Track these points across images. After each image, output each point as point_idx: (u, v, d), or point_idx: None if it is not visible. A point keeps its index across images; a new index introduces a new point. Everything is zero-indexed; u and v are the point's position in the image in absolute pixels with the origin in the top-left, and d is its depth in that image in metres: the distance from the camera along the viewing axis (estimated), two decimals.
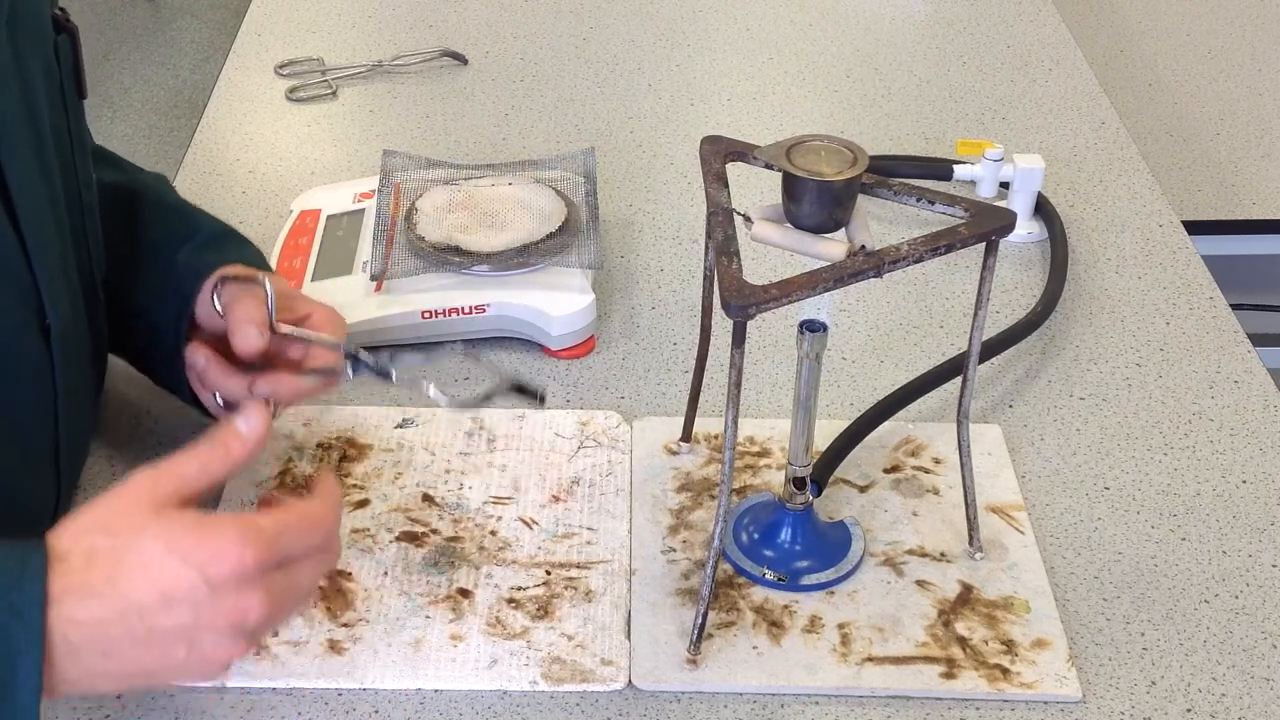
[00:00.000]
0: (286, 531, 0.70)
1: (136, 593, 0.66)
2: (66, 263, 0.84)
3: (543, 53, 1.52)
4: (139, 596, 0.66)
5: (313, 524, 0.72)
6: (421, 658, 0.83)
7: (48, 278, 0.80)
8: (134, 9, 3.70)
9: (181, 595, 0.66)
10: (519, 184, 1.13)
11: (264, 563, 0.68)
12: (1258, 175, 1.59)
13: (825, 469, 0.93)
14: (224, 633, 0.67)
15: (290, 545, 0.70)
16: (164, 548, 0.66)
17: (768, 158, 0.79)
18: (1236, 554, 0.92)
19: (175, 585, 0.66)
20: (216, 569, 0.66)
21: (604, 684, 0.82)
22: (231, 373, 0.89)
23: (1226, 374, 1.07)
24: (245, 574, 0.67)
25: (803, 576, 0.88)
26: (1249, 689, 0.83)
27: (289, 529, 0.70)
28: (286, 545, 0.69)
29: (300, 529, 0.71)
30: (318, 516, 0.72)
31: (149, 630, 0.66)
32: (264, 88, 1.44)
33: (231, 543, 0.67)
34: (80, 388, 0.87)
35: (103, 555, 0.66)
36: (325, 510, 0.73)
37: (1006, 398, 1.05)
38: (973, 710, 0.81)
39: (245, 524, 0.68)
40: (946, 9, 1.64)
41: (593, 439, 0.99)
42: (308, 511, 0.72)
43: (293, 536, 0.70)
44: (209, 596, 0.66)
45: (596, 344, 1.09)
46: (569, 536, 0.91)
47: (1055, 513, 0.94)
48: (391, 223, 1.10)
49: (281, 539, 0.69)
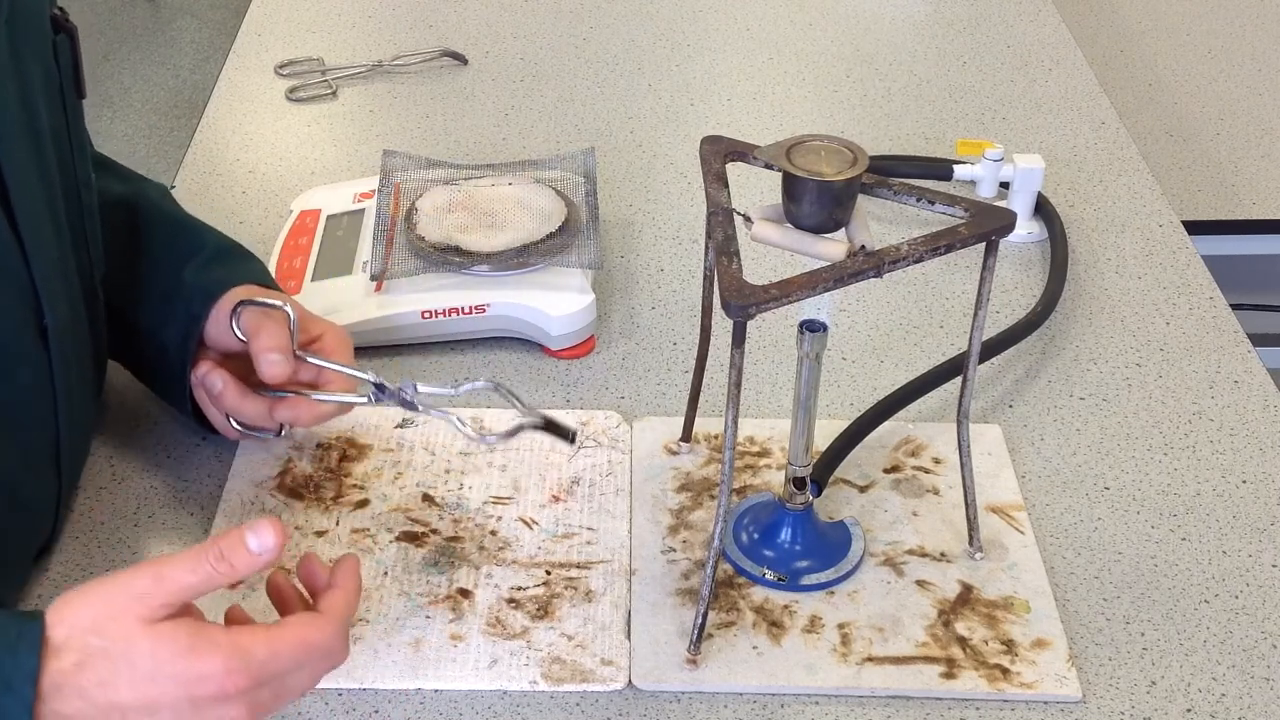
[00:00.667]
0: (279, 658, 0.69)
1: (122, 698, 0.66)
2: (65, 263, 0.84)
3: (543, 53, 1.52)
4: (123, 701, 0.66)
5: (311, 650, 0.70)
6: (421, 658, 0.83)
7: (45, 278, 0.80)
8: (134, 9, 3.70)
9: (165, 706, 0.67)
10: (519, 184, 1.13)
11: (248, 688, 0.68)
12: (1258, 175, 1.59)
13: (825, 469, 0.93)
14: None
15: (282, 669, 0.69)
16: (152, 666, 0.66)
17: (768, 158, 0.79)
18: (1236, 554, 0.92)
19: (160, 698, 0.67)
20: (203, 689, 0.67)
21: (604, 684, 0.82)
22: (249, 395, 0.90)
23: (1226, 374, 1.07)
24: (229, 695, 0.67)
25: (803, 576, 0.88)
26: (1249, 689, 0.83)
27: (282, 656, 0.69)
28: (277, 670, 0.69)
29: (296, 656, 0.70)
30: (316, 642, 0.71)
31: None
32: (264, 88, 1.44)
33: (218, 670, 0.67)
34: (80, 387, 0.87)
35: (95, 659, 0.66)
36: (328, 632, 0.71)
37: (1006, 398, 1.05)
38: (973, 710, 0.81)
39: (236, 650, 0.67)
40: (946, 9, 1.64)
41: (593, 439, 0.99)
42: (308, 637, 0.70)
43: (286, 663, 0.69)
44: (191, 710, 0.67)
45: (596, 344, 1.09)
46: (569, 536, 0.91)
47: (1055, 513, 0.94)
48: (391, 223, 1.10)
49: (271, 665, 0.68)
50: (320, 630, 0.71)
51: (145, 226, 0.98)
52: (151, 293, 0.95)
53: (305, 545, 0.90)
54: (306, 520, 0.91)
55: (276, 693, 0.70)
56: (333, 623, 0.72)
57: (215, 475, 0.95)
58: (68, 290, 0.84)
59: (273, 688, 0.69)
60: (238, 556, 0.69)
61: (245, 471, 0.95)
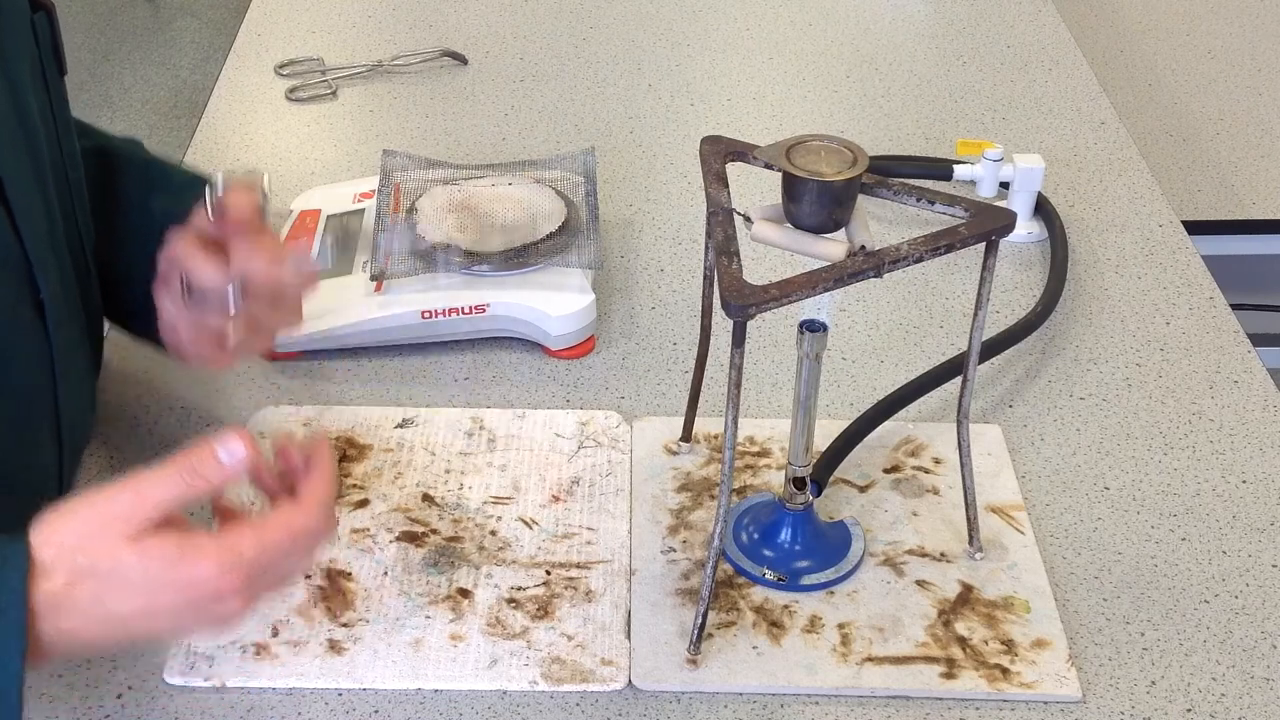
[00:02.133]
0: (269, 551, 0.70)
1: (119, 610, 0.68)
2: (55, 238, 0.85)
3: (543, 53, 1.52)
4: (120, 612, 0.68)
5: (299, 536, 0.72)
6: (421, 658, 0.83)
7: (38, 253, 0.81)
8: (134, 9, 3.70)
9: (162, 610, 0.69)
10: (519, 184, 1.13)
11: (245, 583, 0.69)
12: (1258, 175, 1.59)
13: (825, 469, 0.93)
14: (205, 625, 0.71)
15: (273, 560, 0.71)
16: (144, 578, 0.68)
17: (767, 158, 0.79)
18: (1236, 554, 0.92)
19: (156, 605, 0.69)
20: (197, 592, 0.69)
21: (604, 684, 0.82)
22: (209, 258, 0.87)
23: (1226, 374, 1.07)
24: (224, 594, 0.69)
25: (803, 576, 0.88)
26: (1249, 689, 0.83)
27: (272, 548, 0.71)
28: (269, 562, 0.70)
29: (285, 546, 0.71)
30: (303, 528, 0.72)
31: (129, 634, 0.70)
32: (264, 88, 1.44)
33: (212, 572, 0.68)
34: (77, 361, 0.88)
35: (85, 578, 0.68)
36: (314, 515, 0.73)
37: (1006, 398, 1.05)
38: (973, 710, 0.81)
39: (226, 551, 0.69)
40: (946, 9, 1.64)
41: (593, 439, 0.99)
42: (294, 525, 0.72)
43: (277, 554, 0.71)
44: (189, 609, 0.69)
45: (596, 344, 1.09)
46: (569, 536, 0.91)
47: (1055, 513, 0.94)
48: (391, 223, 1.10)
49: (263, 559, 0.70)
50: (304, 515, 0.72)
51: (115, 170, 0.97)
52: (120, 226, 0.94)
53: None
54: None
55: (273, 581, 0.72)
56: (315, 506, 0.73)
57: None
58: (60, 265, 0.85)
59: (268, 577, 0.71)
60: (209, 469, 0.70)
61: None
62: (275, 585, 0.73)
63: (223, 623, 0.71)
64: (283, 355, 1.06)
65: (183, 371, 1.05)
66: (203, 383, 1.04)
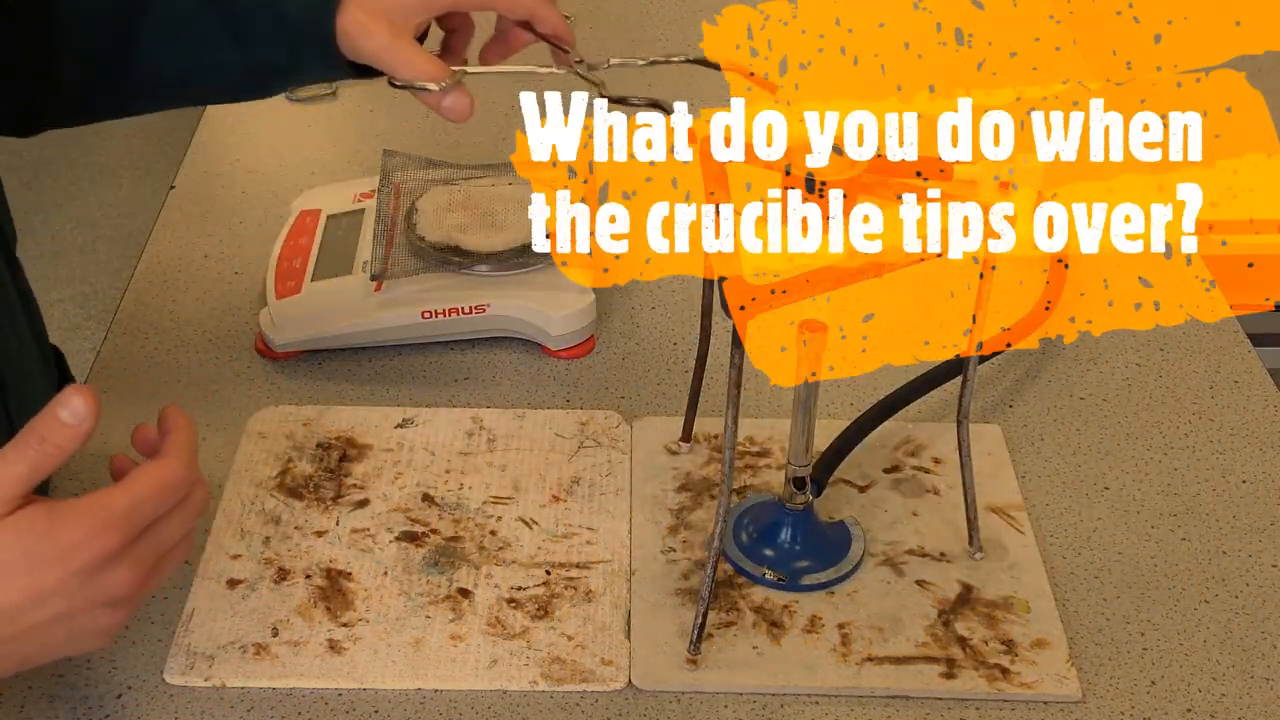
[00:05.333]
0: (141, 504, 0.69)
1: (7, 599, 0.66)
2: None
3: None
4: (9, 601, 0.66)
5: (166, 487, 0.70)
6: (421, 658, 0.83)
7: None
8: None
9: (50, 590, 0.67)
10: (519, 184, 1.13)
11: (122, 542, 0.68)
12: None
13: (825, 469, 0.93)
14: (100, 609, 0.69)
15: (147, 515, 0.70)
16: (21, 553, 0.66)
17: None
18: (1236, 554, 0.92)
19: (42, 584, 0.67)
20: (79, 560, 0.67)
21: (604, 684, 0.82)
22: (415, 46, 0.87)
23: (1226, 374, 1.07)
24: (108, 556, 0.68)
25: (803, 576, 0.88)
26: (1249, 689, 0.83)
27: (143, 501, 0.69)
28: (144, 517, 0.69)
29: (156, 498, 0.70)
30: (169, 478, 0.71)
31: (26, 628, 0.68)
32: None
33: (86, 533, 0.67)
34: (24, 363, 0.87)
35: None
36: (177, 466, 0.71)
37: (1006, 398, 1.05)
38: (973, 710, 0.81)
39: (97, 509, 0.68)
40: None
41: (593, 439, 0.99)
42: (160, 476, 0.70)
43: (150, 507, 0.70)
44: (79, 585, 0.67)
45: (596, 344, 1.09)
46: (569, 536, 0.91)
47: (1055, 513, 0.94)
48: (391, 223, 1.10)
49: (136, 514, 0.69)
50: (169, 468, 0.71)
51: None
52: None
53: (305, 545, 0.90)
54: (306, 520, 0.91)
55: (154, 545, 0.70)
56: (178, 458, 0.72)
57: (215, 475, 0.95)
58: None
59: (148, 541, 0.70)
60: (55, 433, 0.68)
61: (245, 471, 0.95)
62: (158, 554, 0.71)
63: (119, 603, 0.69)
64: (283, 355, 1.06)
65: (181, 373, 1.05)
66: (201, 383, 1.04)
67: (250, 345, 1.07)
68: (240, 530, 0.91)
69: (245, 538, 0.90)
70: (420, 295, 1.06)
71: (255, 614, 0.85)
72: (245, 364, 1.06)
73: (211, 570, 0.88)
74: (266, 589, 0.87)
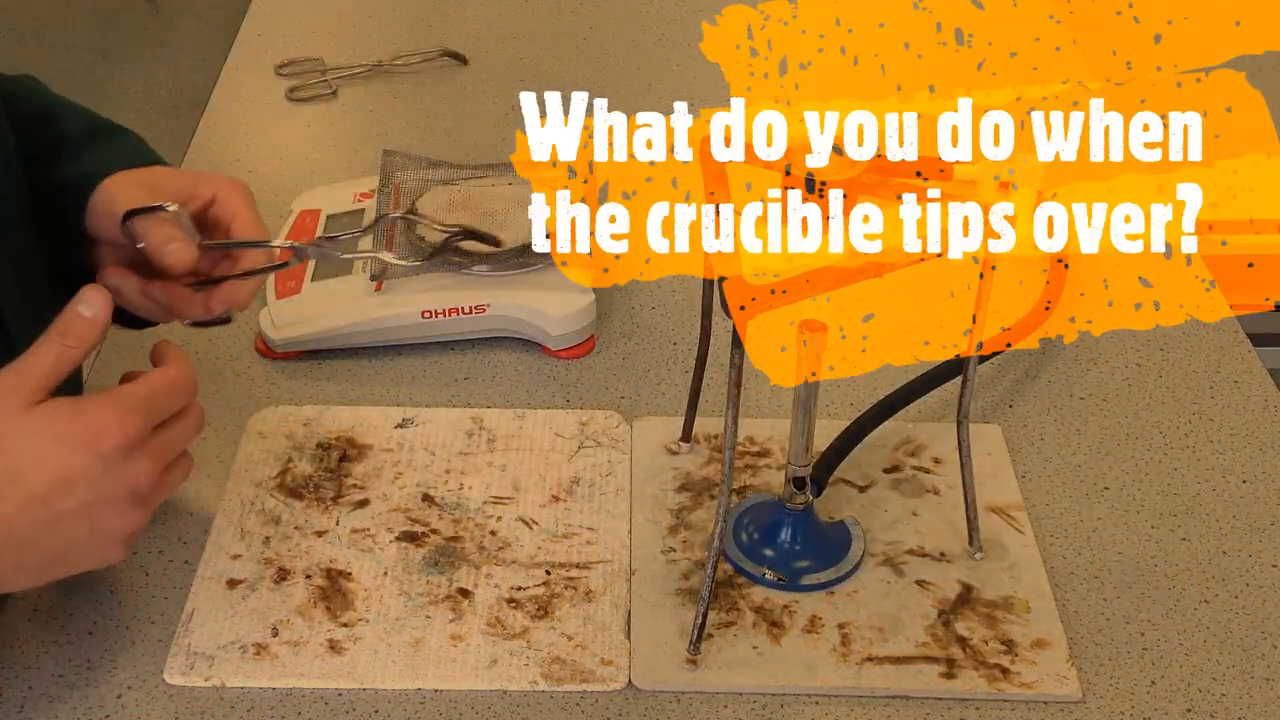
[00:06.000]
0: (157, 395, 0.76)
1: (37, 483, 0.70)
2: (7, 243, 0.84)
3: (543, 53, 1.52)
4: (39, 486, 0.70)
5: (177, 387, 0.78)
6: (421, 658, 0.83)
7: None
8: (134, 9, 3.70)
9: (78, 475, 0.71)
10: (519, 184, 1.13)
11: (144, 428, 0.74)
12: None
13: (825, 469, 0.93)
14: (121, 502, 0.74)
15: (163, 407, 0.76)
16: (51, 438, 0.71)
17: None
18: (1236, 554, 0.92)
19: (70, 468, 0.71)
20: (105, 443, 0.72)
21: (604, 684, 0.82)
22: (170, 286, 0.87)
23: (1226, 374, 1.07)
24: (131, 441, 0.73)
25: (803, 576, 0.88)
26: (1249, 689, 0.83)
27: (159, 392, 0.76)
28: (160, 408, 0.76)
29: (169, 392, 0.77)
30: (178, 380, 0.78)
31: (54, 516, 0.71)
32: (264, 88, 1.44)
33: (113, 416, 0.72)
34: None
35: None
36: (184, 372, 0.78)
37: (1006, 398, 1.05)
38: (973, 710, 0.81)
39: (120, 395, 0.74)
40: None
41: (593, 439, 0.99)
42: (171, 377, 0.78)
43: (164, 399, 0.76)
44: (103, 471, 0.72)
45: (596, 344, 1.09)
46: (569, 536, 0.91)
47: (1055, 513, 0.94)
48: (391, 223, 1.10)
49: (155, 402, 0.75)
50: (176, 369, 0.78)
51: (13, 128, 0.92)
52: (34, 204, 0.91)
53: (305, 545, 0.90)
54: (306, 520, 0.91)
55: (169, 442, 0.77)
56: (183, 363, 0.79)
57: (215, 475, 0.95)
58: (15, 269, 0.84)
59: (166, 434, 0.76)
60: (76, 327, 0.75)
61: (245, 471, 0.95)
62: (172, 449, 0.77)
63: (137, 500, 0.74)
64: (283, 355, 1.06)
65: None
66: (201, 383, 1.04)
67: (250, 345, 1.08)
68: (240, 530, 0.91)
69: (245, 538, 0.90)
70: (420, 295, 1.06)
71: (255, 614, 0.85)
72: (245, 364, 1.06)
73: (211, 570, 0.88)
74: (266, 589, 0.87)
